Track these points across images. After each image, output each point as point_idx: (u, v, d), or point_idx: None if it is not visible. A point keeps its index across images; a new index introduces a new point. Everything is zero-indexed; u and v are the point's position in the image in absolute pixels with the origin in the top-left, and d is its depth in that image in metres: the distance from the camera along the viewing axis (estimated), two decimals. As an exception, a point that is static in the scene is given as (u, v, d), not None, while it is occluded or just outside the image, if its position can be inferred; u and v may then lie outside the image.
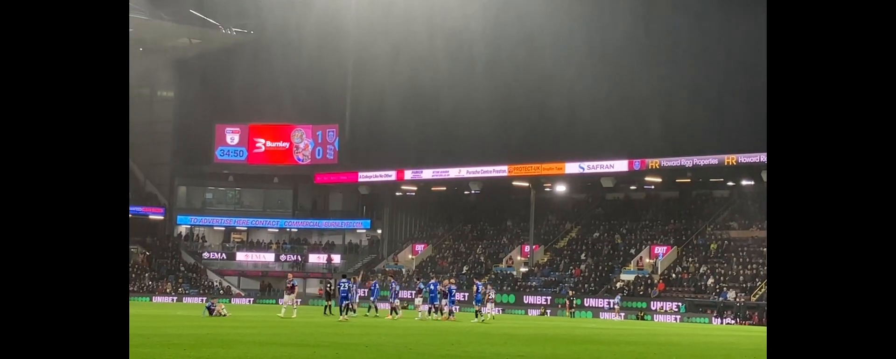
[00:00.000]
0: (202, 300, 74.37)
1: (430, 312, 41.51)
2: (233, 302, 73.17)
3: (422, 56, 76.72)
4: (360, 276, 62.60)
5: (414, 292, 45.24)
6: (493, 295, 45.64)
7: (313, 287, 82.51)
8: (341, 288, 39.71)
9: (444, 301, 40.94)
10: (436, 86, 77.75)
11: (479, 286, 43.90)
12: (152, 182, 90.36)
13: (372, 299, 44.67)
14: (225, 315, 37.02)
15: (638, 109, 74.62)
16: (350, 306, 39.39)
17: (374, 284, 46.59)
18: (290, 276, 43.64)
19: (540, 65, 75.78)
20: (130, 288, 76.52)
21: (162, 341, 18.91)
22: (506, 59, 76.13)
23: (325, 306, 44.27)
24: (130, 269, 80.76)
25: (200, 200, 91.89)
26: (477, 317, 41.44)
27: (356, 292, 42.82)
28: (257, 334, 23.35)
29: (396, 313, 41.04)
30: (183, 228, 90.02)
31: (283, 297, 43.10)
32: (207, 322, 30.85)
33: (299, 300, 48.89)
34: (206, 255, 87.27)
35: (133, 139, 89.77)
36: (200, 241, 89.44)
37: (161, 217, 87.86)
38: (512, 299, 69.73)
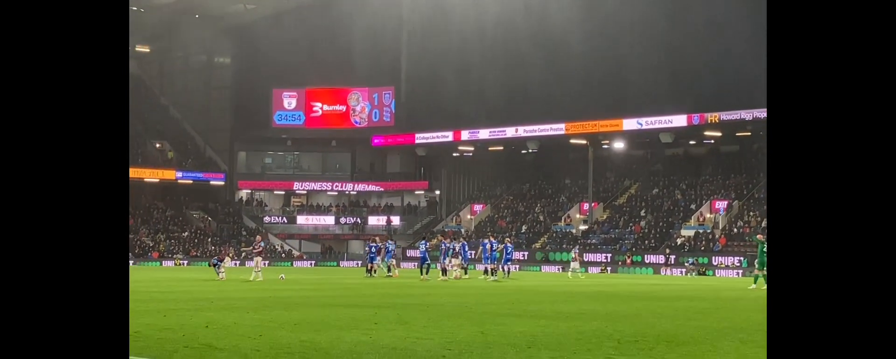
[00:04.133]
0: (264, 265, 75.30)
1: (489, 272, 41.50)
2: (295, 265, 73.99)
3: (475, 16, 76.27)
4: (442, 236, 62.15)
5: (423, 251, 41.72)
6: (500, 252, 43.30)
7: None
8: (420, 249, 41.37)
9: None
10: (490, 45, 77.33)
11: (494, 244, 42.31)
12: (212, 148, 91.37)
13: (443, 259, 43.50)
14: (221, 277, 36.58)
15: (695, 61, 73.49)
16: (428, 267, 40.15)
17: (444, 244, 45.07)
18: (258, 237, 42.30)
19: (595, 20, 74.91)
20: (194, 253, 77.65)
21: (225, 305, 19.19)
22: (559, 15, 75.35)
23: (368, 268, 43.43)
24: (194, 234, 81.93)
25: (260, 164, 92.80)
26: (489, 275, 41.03)
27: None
28: (320, 297, 23.59)
29: (425, 273, 40.00)
30: (243, 193, 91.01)
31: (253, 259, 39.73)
32: (270, 286, 31.21)
33: (266, 262, 46.87)
34: (266, 219, 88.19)
35: (192, 106, 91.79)
36: (261, 205, 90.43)
37: (222, 182, 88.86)
38: (569, 256, 69.49)
